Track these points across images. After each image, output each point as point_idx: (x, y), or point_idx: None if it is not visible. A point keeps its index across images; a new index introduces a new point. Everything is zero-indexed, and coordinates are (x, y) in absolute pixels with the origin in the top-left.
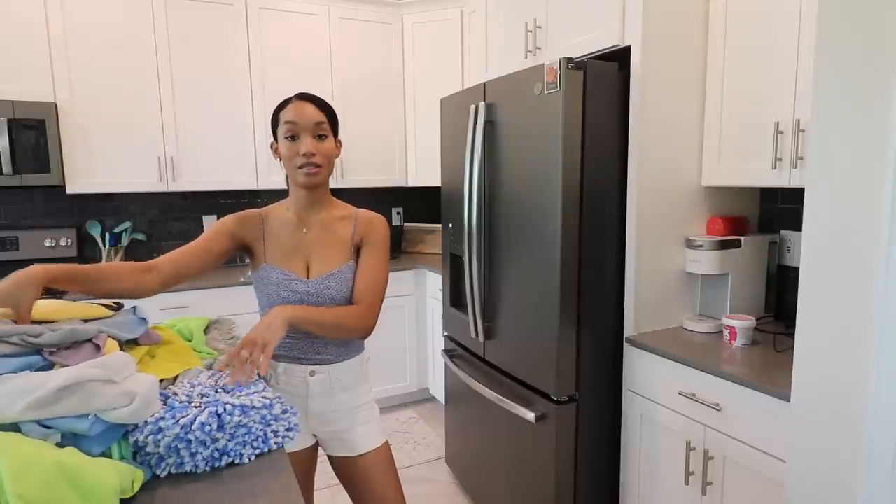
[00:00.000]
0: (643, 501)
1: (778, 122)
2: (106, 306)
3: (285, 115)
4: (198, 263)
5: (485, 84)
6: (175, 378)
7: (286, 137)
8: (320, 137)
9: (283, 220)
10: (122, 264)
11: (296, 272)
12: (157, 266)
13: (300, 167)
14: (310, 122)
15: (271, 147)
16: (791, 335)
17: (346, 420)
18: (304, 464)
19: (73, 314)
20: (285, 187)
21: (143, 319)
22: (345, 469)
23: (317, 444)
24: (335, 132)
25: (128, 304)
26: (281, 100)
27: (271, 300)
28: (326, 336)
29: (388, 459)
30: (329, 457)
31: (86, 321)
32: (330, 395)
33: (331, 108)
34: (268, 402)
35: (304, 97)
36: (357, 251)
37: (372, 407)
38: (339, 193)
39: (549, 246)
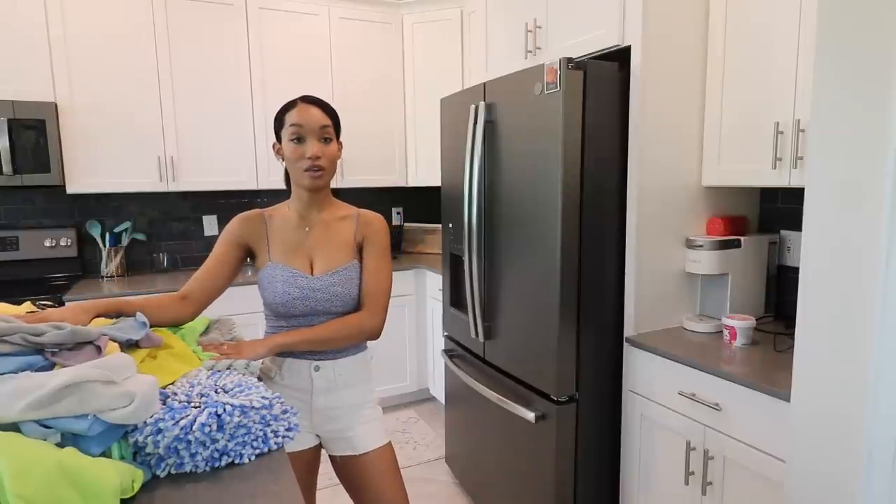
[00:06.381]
0: (643, 501)
1: (778, 122)
2: (107, 317)
3: (291, 117)
4: (220, 281)
5: (485, 84)
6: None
7: (291, 140)
8: (325, 141)
9: (285, 219)
10: (163, 296)
11: (300, 269)
12: (189, 294)
13: (305, 170)
14: (316, 125)
15: (273, 148)
16: (791, 335)
17: (349, 418)
18: (309, 463)
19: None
20: (285, 187)
21: (144, 323)
22: (347, 469)
23: (320, 445)
24: (338, 135)
25: None
26: (281, 100)
27: (277, 297)
28: (328, 348)
29: (392, 459)
30: (331, 457)
31: None
32: (334, 391)
33: (334, 111)
34: (267, 402)
35: (309, 100)
36: (359, 251)
37: (375, 407)
38: (339, 193)
39: (549, 246)
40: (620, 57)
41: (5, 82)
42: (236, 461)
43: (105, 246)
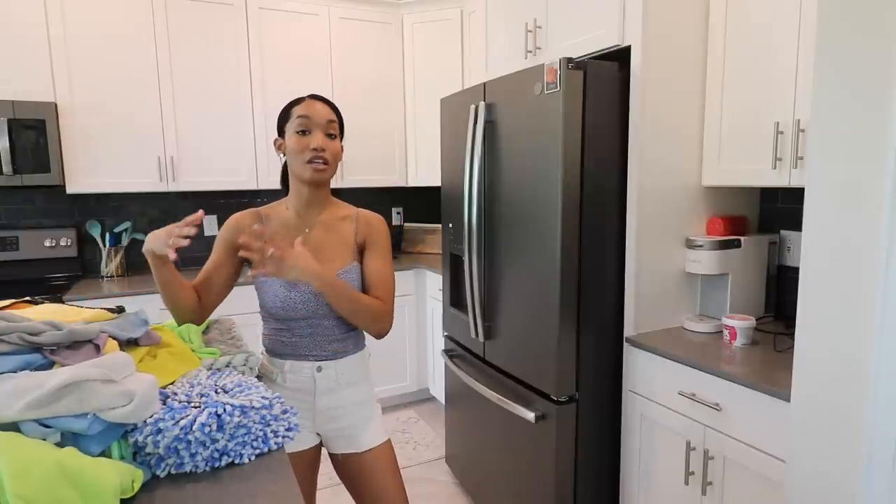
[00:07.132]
0: (643, 501)
1: (778, 122)
2: (108, 310)
3: (298, 110)
4: (218, 286)
5: (485, 84)
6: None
7: (297, 132)
8: (330, 136)
9: (284, 220)
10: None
11: None
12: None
13: (309, 161)
14: (322, 119)
15: (275, 143)
16: (791, 335)
17: (351, 416)
18: (310, 462)
19: (74, 319)
20: (281, 187)
21: (145, 321)
22: (349, 466)
23: (321, 444)
24: (342, 135)
25: (132, 306)
26: (281, 100)
27: (277, 301)
28: (342, 312)
29: (391, 456)
30: (332, 455)
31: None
32: (336, 391)
33: (339, 112)
34: (267, 402)
35: (316, 97)
36: (360, 252)
37: (375, 405)
38: (339, 193)
39: (549, 246)
40: (620, 57)
41: (5, 82)
42: (236, 461)
43: (105, 246)
